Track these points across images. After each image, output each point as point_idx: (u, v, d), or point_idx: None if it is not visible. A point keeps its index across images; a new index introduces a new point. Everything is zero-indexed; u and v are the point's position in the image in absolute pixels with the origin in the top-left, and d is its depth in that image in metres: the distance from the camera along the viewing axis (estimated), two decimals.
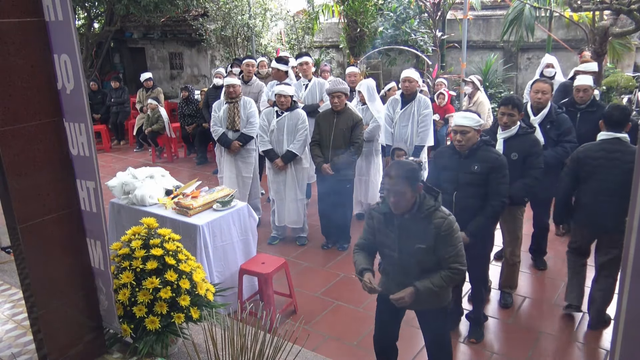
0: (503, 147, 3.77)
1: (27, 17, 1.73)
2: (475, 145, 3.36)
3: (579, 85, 4.80)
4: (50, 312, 1.91)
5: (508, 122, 3.76)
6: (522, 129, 3.79)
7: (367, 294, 4.31)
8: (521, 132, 3.78)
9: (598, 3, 6.36)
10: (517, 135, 3.77)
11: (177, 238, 2.37)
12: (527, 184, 3.72)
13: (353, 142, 4.97)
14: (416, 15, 9.61)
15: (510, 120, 3.76)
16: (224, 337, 1.73)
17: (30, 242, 1.82)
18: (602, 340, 3.66)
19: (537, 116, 4.33)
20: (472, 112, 3.46)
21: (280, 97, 5.04)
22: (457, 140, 3.37)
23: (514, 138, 3.78)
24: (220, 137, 5.48)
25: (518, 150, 3.73)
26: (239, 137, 5.45)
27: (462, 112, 3.44)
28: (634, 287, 1.02)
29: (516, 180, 3.68)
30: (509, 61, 9.90)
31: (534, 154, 3.72)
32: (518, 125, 3.78)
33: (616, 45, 8.03)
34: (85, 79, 1.82)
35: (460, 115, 3.41)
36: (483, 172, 3.33)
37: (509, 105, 3.76)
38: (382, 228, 2.75)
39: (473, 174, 3.34)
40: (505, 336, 3.80)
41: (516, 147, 3.75)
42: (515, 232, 3.98)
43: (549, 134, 4.30)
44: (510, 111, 3.74)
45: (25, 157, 1.78)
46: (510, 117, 3.75)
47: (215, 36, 10.89)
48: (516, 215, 3.93)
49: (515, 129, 3.77)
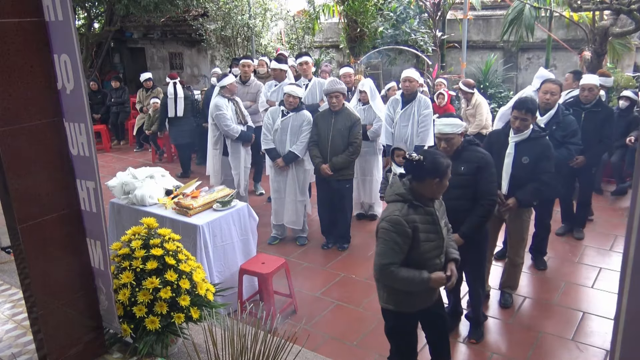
0: (514, 151, 3.72)
1: (27, 17, 1.72)
2: (460, 146, 3.31)
3: (585, 84, 4.78)
4: (50, 312, 1.91)
5: (521, 126, 3.67)
6: (534, 133, 3.71)
7: (366, 294, 4.33)
8: (533, 136, 3.71)
9: (598, 3, 6.35)
10: (530, 139, 3.70)
11: (177, 238, 2.37)
12: (537, 188, 3.69)
13: (351, 142, 4.97)
14: (416, 15, 9.60)
15: (523, 125, 3.67)
16: (224, 337, 1.73)
17: (30, 242, 1.82)
18: (602, 340, 3.66)
19: (544, 116, 4.31)
20: (453, 116, 3.35)
21: (290, 97, 5.04)
22: (442, 148, 3.31)
23: (525, 142, 3.71)
24: (241, 134, 5.66)
25: (529, 154, 3.68)
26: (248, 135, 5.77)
27: (444, 119, 3.30)
28: (633, 287, 1.02)
29: (525, 184, 3.68)
30: (509, 61, 9.90)
31: (546, 158, 3.68)
32: (531, 129, 3.71)
33: (616, 45, 8.02)
34: (85, 79, 1.82)
35: (442, 122, 3.28)
36: (470, 173, 3.27)
37: (522, 109, 3.64)
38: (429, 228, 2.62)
39: (460, 175, 3.24)
40: (505, 336, 3.80)
41: (528, 151, 3.69)
42: (521, 234, 3.97)
43: (554, 135, 4.28)
44: (524, 116, 3.64)
45: (25, 157, 1.78)
46: (523, 122, 3.65)
47: (215, 36, 10.88)
48: (523, 217, 3.92)
49: (528, 132, 3.70)
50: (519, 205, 3.72)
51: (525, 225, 3.96)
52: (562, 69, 9.38)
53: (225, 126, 5.48)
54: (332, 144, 4.98)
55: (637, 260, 1.00)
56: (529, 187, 3.69)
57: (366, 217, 6.06)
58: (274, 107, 5.40)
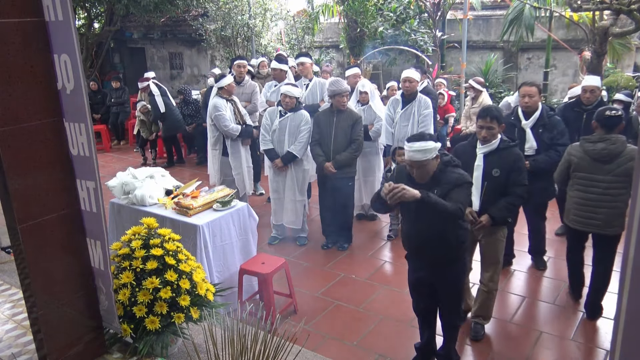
0: (483, 163, 3.43)
1: (27, 17, 1.72)
2: (437, 169, 2.94)
3: (586, 86, 4.73)
4: (50, 312, 1.91)
5: (487, 135, 3.39)
6: (503, 143, 3.42)
7: (366, 294, 4.33)
8: (503, 146, 3.41)
9: (598, 3, 6.35)
10: (499, 150, 3.41)
11: (177, 238, 2.37)
12: (511, 203, 3.41)
13: (354, 139, 4.98)
14: (416, 15, 9.61)
15: (490, 134, 3.38)
16: (224, 337, 1.73)
17: (30, 242, 1.82)
18: (602, 340, 3.66)
19: (529, 120, 4.22)
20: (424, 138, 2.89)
21: (286, 98, 5.04)
22: (415, 175, 2.96)
23: (494, 153, 3.41)
24: (241, 132, 5.60)
25: (500, 166, 3.39)
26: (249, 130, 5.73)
27: (415, 144, 2.85)
28: (634, 287, 1.02)
29: (498, 198, 3.41)
30: (509, 61, 9.90)
31: (518, 170, 3.38)
32: (499, 139, 3.42)
33: (616, 45, 8.03)
34: (85, 79, 1.82)
35: (413, 148, 2.84)
36: (442, 195, 2.89)
37: (486, 117, 3.38)
38: None
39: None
40: (505, 336, 3.80)
41: (498, 162, 3.40)
42: (495, 255, 3.59)
43: (542, 137, 4.21)
44: (490, 124, 3.37)
45: (25, 157, 1.78)
46: (489, 131, 3.37)
47: (215, 36, 10.89)
48: (497, 237, 3.56)
49: (496, 143, 3.41)
50: (492, 222, 3.41)
51: (500, 246, 3.59)
52: (562, 69, 9.38)
53: (225, 126, 5.47)
54: (335, 143, 4.99)
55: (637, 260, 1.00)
56: (503, 203, 3.40)
57: (366, 217, 6.06)
58: (272, 107, 5.41)
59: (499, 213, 3.40)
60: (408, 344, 3.58)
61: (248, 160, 5.87)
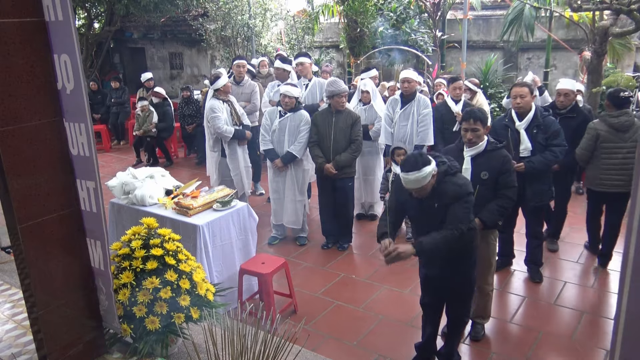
0: (471, 166, 3.39)
1: (27, 17, 1.72)
2: (435, 182, 2.91)
3: (560, 89, 4.64)
4: (50, 312, 1.91)
5: (473, 138, 3.35)
6: (490, 145, 3.40)
7: (366, 294, 4.33)
8: (490, 148, 3.39)
9: (598, 3, 6.35)
10: (486, 152, 3.38)
11: (177, 238, 2.37)
12: (502, 206, 3.37)
13: (353, 139, 4.98)
14: (416, 15, 9.61)
15: (475, 136, 3.35)
16: (224, 337, 1.73)
17: (30, 242, 1.82)
18: (602, 340, 3.66)
19: (522, 121, 4.13)
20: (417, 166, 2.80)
21: (285, 98, 5.03)
22: (414, 194, 2.95)
23: (482, 155, 3.38)
24: (235, 133, 5.49)
25: (488, 169, 3.35)
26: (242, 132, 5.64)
27: (410, 174, 2.79)
28: (634, 287, 1.02)
29: (488, 201, 3.37)
30: (509, 61, 9.90)
31: (507, 172, 3.35)
32: (486, 141, 3.39)
33: (616, 45, 8.02)
34: (85, 79, 1.82)
35: (409, 179, 2.80)
36: (443, 206, 2.89)
37: (470, 119, 3.35)
38: None
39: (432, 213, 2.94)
40: (505, 336, 3.80)
41: (486, 165, 3.36)
42: (488, 259, 3.59)
43: (537, 138, 4.10)
44: (474, 126, 3.33)
45: (25, 157, 1.78)
46: (474, 133, 3.34)
47: (215, 36, 10.89)
48: (489, 240, 3.57)
49: (483, 145, 3.38)
50: (484, 226, 3.37)
51: (491, 249, 3.61)
52: (562, 69, 9.39)
53: (218, 129, 5.40)
54: (334, 143, 4.98)
55: (637, 260, 1.00)
56: (493, 206, 3.36)
57: (366, 217, 6.06)
58: (272, 108, 5.40)
59: (491, 217, 3.37)
60: (408, 344, 3.58)
61: (246, 160, 5.85)
